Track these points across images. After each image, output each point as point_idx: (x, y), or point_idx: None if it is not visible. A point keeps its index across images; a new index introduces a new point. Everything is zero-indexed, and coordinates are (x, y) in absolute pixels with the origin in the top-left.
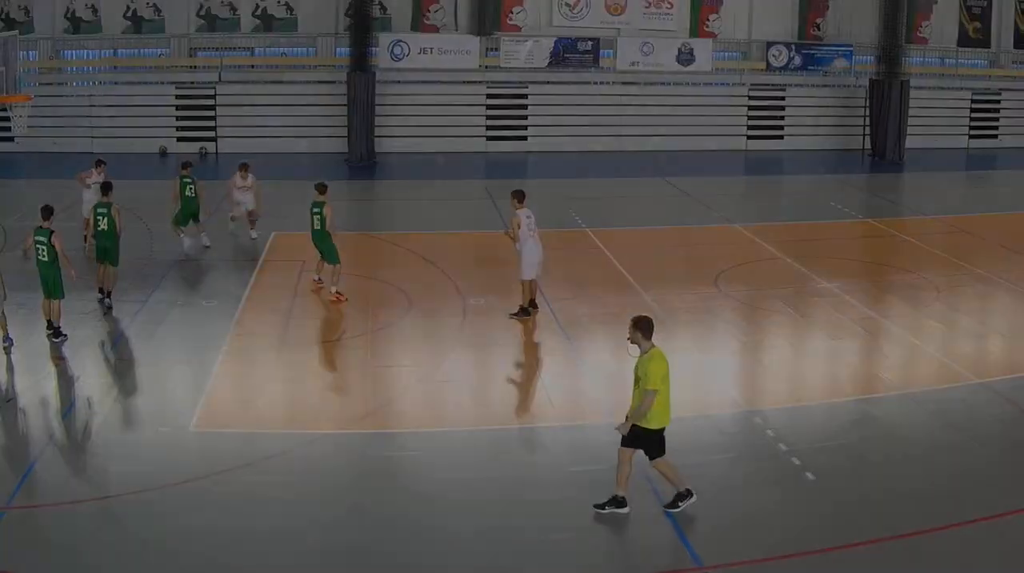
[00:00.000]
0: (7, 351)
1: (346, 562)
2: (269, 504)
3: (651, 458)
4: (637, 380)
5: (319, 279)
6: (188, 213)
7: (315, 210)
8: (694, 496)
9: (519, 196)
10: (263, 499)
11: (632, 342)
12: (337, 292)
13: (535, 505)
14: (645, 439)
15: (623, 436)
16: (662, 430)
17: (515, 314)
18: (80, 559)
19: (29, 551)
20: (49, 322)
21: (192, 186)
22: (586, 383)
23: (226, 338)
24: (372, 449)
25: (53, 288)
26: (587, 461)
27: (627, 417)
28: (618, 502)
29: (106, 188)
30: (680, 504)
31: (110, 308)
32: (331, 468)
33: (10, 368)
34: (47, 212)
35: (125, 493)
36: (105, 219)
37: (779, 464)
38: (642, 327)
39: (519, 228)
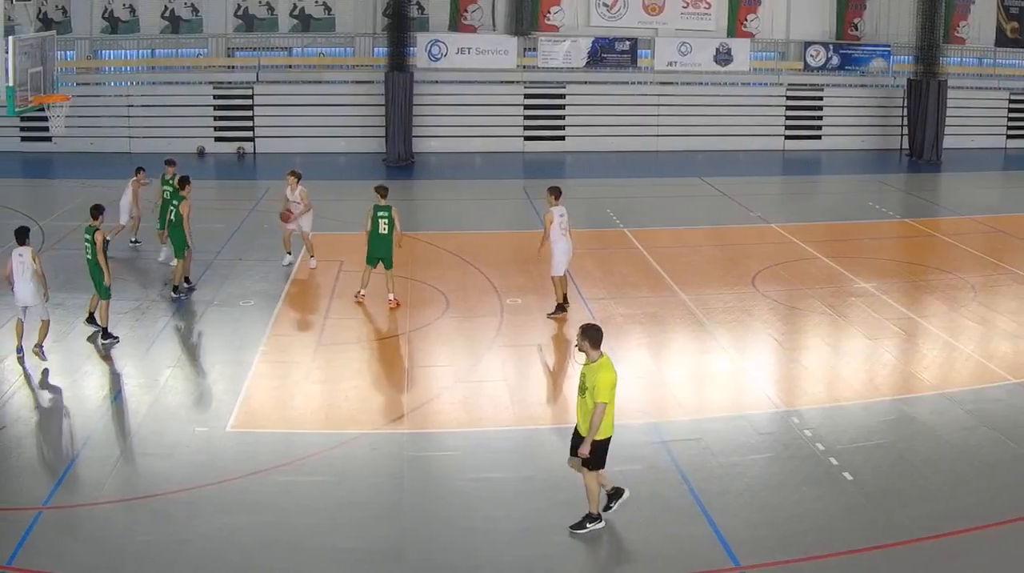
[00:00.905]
0: (38, 355)
1: (382, 561)
2: (306, 504)
3: (588, 468)
4: (584, 390)
5: (363, 293)
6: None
7: (381, 214)
8: (603, 522)
9: (555, 193)
10: (300, 499)
11: (580, 350)
12: (395, 298)
13: (572, 505)
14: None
15: (583, 460)
16: (607, 441)
17: (552, 314)
18: (117, 559)
19: (66, 550)
20: (91, 314)
21: (171, 190)
22: (622, 383)
23: (263, 338)
24: (409, 449)
25: (97, 287)
26: (623, 461)
27: (582, 438)
28: (592, 518)
29: (184, 182)
30: (588, 525)
31: (185, 292)
32: (368, 468)
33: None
34: (97, 211)
35: (162, 493)
36: (174, 212)
37: (816, 464)
38: (590, 335)
39: (551, 225)
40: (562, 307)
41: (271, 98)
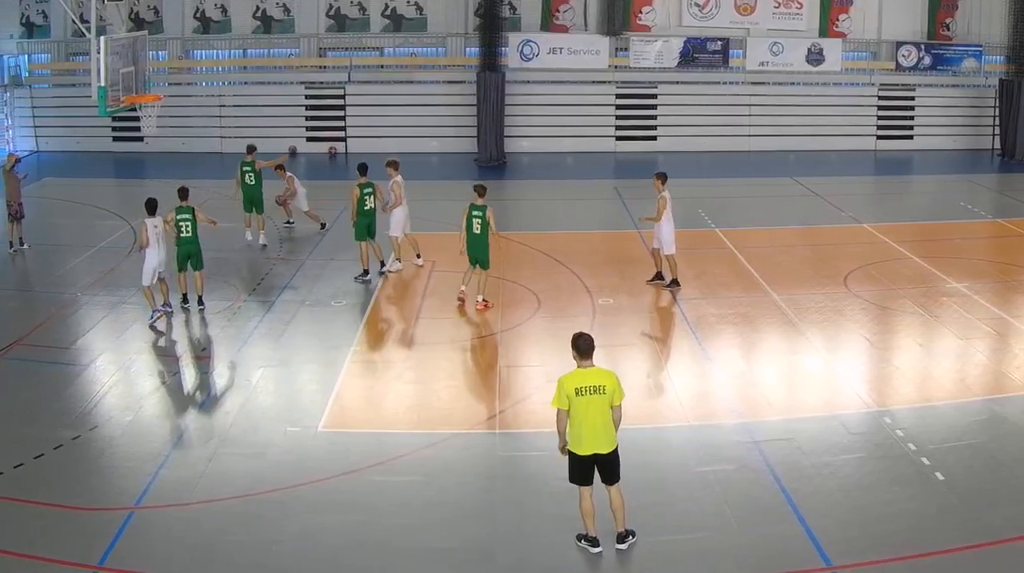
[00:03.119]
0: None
1: (472, 561)
2: (397, 504)
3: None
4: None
5: (464, 290)
6: (248, 200)
7: (476, 214)
8: (599, 548)
9: (663, 178)
10: (391, 499)
11: (575, 360)
12: (485, 300)
13: (662, 506)
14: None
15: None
16: (578, 458)
17: (669, 285)
18: (208, 559)
19: (157, 551)
20: (185, 295)
21: (251, 173)
22: (714, 383)
23: (355, 338)
24: (500, 449)
25: (197, 261)
26: (715, 461)
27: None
28: (590, 541)
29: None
30: (581, 542)
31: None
32: (459, 468)
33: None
34: (184, 193)
35: (253, 493)
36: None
37: (908, 464)
38: (578, 346)
39: (667, 203)
40: (676, 281)
41: (363, 98)
